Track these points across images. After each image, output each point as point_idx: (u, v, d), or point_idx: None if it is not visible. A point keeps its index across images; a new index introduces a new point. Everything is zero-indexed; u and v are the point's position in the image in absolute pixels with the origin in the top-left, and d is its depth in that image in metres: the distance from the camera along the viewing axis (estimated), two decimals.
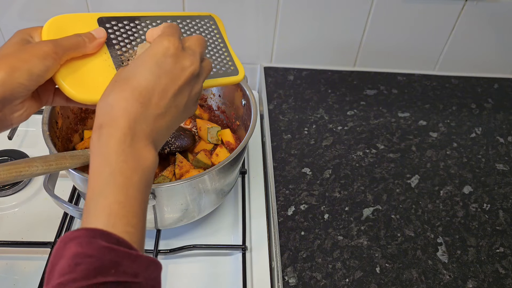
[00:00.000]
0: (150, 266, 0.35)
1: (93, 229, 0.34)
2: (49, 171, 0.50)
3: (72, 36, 0.45)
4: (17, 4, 0.88)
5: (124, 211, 0.35)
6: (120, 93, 0.39)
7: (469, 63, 1.03)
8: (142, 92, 0.39)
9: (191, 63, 0.42)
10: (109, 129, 0.37)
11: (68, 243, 0.33)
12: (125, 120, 0.37)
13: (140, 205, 0.37)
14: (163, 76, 0.40)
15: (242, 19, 0.91)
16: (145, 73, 0.39)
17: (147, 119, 0.39)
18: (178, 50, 0.41)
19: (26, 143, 0.82)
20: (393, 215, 0.73)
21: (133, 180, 0.37)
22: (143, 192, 0.37)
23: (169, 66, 0.40)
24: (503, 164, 0.84)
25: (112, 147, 0.37)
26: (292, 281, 0.63)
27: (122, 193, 0.36)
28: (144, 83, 0.39)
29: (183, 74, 0.41)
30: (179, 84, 0.41)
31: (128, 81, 0.39)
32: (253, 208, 0.76)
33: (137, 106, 0.38)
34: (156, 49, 0.41)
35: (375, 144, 0.85)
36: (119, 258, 0.33)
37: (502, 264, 0.67)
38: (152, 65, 0.40)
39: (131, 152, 0.37)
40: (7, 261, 0.66)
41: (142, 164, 0.38)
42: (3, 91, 0.40)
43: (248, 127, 0.65)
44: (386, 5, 0.91)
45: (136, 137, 0.38)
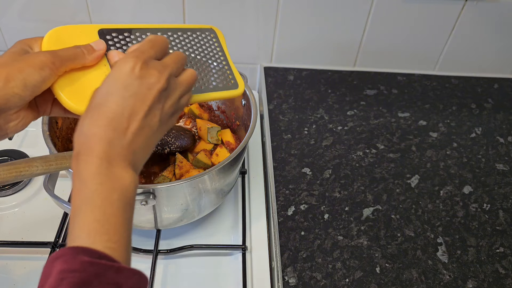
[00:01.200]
0: (133, 277, 0.36)
1: (76, 247, 0.35)
2: (49, 171, 0.50)
3: (70, 48, 0.45)
4: (17, 4, 0.88)
5: (104, 228, 0.37)
6: (93, 121, 0.40)
7: (469, 63, 1.03)
8: (113, 117, 0.40)
9: (157, 80, 0.42)
10: (86, 157, 0.39)
11: (55, 261, 0.35)
12: (100, 147, 0.39)
13: (121, 222, 0.38)
14: (130, 98, 0.41)
15: (242, 19, 0.91)
16: (113, 98, 0.40)
17: (121, 143, 0.40)
18: (143, 69, 0.42)
19: (26, 143, 0.82)
20: (393, 215, 0.73)
21: (111, 200, 0.38)
22: (124, 210, 0.39)
23: (135, 88, 0.41)
24: (503, 164, 0.84)
25: (89, 172, 0.38)
26: (292, 281, 0.63)
27: (100, 212, 0.37)
28: (114, 108, 0.40)
29: (150, 93, 0.42)
30: (147, 104, 0.42)
31: (100, 108, 0.40)
32: (253, 208, 0.76)
33: (110, 132, 0.39)
34: (121, 72, 0.41)
35: (375, 144, 0.85)
36: (101, 270, 0.34)
37: (502, 264, 0.67)
38: (119, 89, 0.41)
39: (108, 175, 0.38)
40: (7, 261, 0.66)
41: (120, 185, 0.39)
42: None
43: (248, 127, 0.65)
44: (386, 5, 0.91)
45: (112, 161, 0.39)
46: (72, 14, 0.89)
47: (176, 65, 0.46)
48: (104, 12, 0.89)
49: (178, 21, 0.91)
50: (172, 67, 0.45)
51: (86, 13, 0.89)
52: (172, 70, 0.45)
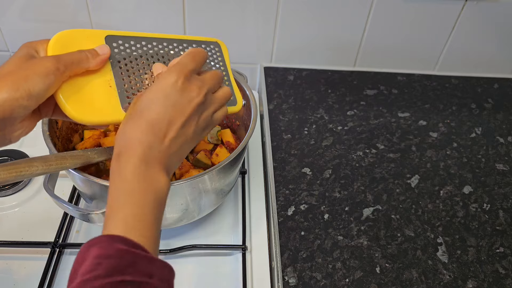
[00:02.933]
0: (164, 269, 0.38)
1: (112, 235, 0.38)
2: (49, 171, 0.50)
3: (75, 52, 0.46)
4: (17, 4, 0.88)
5: (139, 223, 0.39)
6: (136, 125, 0.43)
7: (469, 63, 1.03)
8: (154, 124, 0.43)
9: (196, 94, 0.46)
10: (127, 157, 0.42)
11: (91, 247, 0.37)
12: (140, 149, 0.42)
13: (153, 220, 0.41)
14: (171, 108, 0.44)
15: (242, 19, 0.91)
16: (156, 106, 0.43)
17: (159, 147, 0.43)
18: (185, 83, 0.45)
19: (26, 143, 0.82)
20: (393, 215, 0.73)
21: (146, 199, 0.41)
22: (156, 210, 0.42)
23: (176, 99, 0.44)
24: (503, 164, 0.84)
25: (129, 170, 0.41)
26: (292, 281, 0.63)
27: (137, 208, 0.40)
28: (155, 116, 0.43)
29: (189, 106, 0.45)
30: (186, 115, 0.45)
31: (142, 114, 0.43)
32: (253, 208, 0.76)
33: (150, 136, 0.43)
34: (165, 83, 0.45)
35: (375, 144, 0.85)
36: (136, 259, 0.36)
37: (502, 264, 0.67)
38: (162, 99, 0.44)
39: (145, 176, 0.41)
40: (7, 261, 0.66)
41: (155, 186, 0.42)
42: (2, 112, 0.40)
43: (248, 127, 0.65)
44: (386, 5, 0.91)
45: (149, 163, 0.42)
46: (72, 14, 0.89)
47: (214, 82, 0.49)
48: (104, 12, 0.89)
49: (178, 21, 0.91)
50: (210, 84, 0.48)
51: (86, 13, 0.89)
52: (210, 87, 0.48)
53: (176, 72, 0.45)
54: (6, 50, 0.96)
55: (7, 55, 0.96)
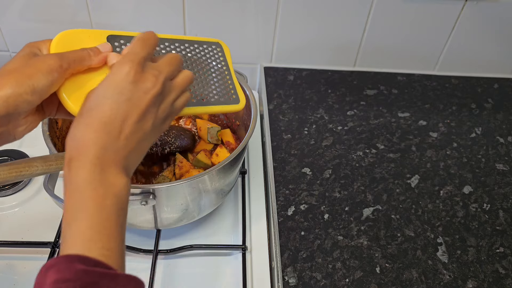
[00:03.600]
0: (130, 283, 0.36)
1: (70, 255, 0.35)
2: (49, 171, 0.50)
3: (77, 50, 0.46)
4: (17, 4, 0.88)
5: (98, 235, 0.36)
6: (86, 125, 0.40)
7: (469, 63, 1.03)
8: (106, 122, 0.40)
9: (153, 84, 0.42)
10: (78, 162, 0.38)
11: (48, 271, 0.34)
12: (92, 152, 0.38)
13: (115, 228, 0.38)
14: (125, 103, 0.41)
15: (242, 19, 0.91)
16: (107, 102, 0.40)
17: (114, 147, 0.40)
18: (138, 73, 0.42)
19: (26, 143, 0.82)
20: (393, 215, 0.73)
21: (104, 205, 0.38)
22: (117, 215, 0.38)
23: (130, 92, 0.41)
24: (503, 164, 0.84)
25: (81, 177, 0.38)
26: (292, 281, 0.63)
27: (94, 218, 0.37)
28: (108, 113, 0.40)
29: (145, 98, 0.42)
30: (142, 108, 0.42)
31: (92, 113, 0.40)
32: (253, 208, 0.76)
33: (103, 136, 0.39)
34: (117, 76, 0.41)
35: (375, 144, 0.85)
36: (96, 279, 0.34)
37: (502, 264, 0.67)
38: (114, 93, 0.41)
39: (101, 180, 0.38)
40: (7, 261, 0.66)
41: (114, 190, 0.39)
42: (7, 107, 0.40)
43: (248, 127, 0.65)
44: (386, 5, 0.91)
45: (104, 166, 0.39)
46: (72, 14, 0.89)
47: (172, 67, 0.46)
48: (104, 12, 0.89)
49: (178, 21, 0.91)
50: (167, 71, 0.45)
51: (86, 13, 0.89)
52: (168, 74, 0.45)
53: (127, 62, 0.42)
54: (6, 50, 0.96)
55: (7, 55, 0.96)
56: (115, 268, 0.36)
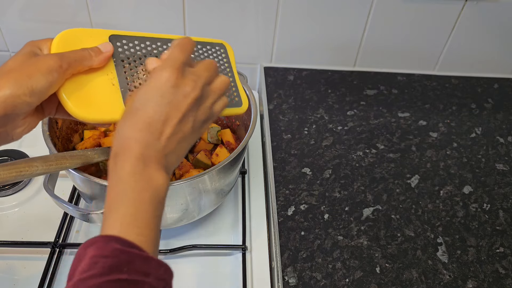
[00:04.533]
0: (160, 268, 0.38)
1: (109, 236, 0.37)
2: (49, 171, 0.50)
3: (78, 50, 0.46)
4: (17, 4, 0.88)
5: (136, 222, 0.39)
6: (131, 125, 0.42)
7: (469, 63, 1.03)
8: (150, 122, 0.42)
9: (192, 89, 0.45)
10: (123, 156, 0.41)
11: (88, 248, 0.37)
12: (137, 149, 0.41)
13: (152, 218, 0.40)
14: (167, 105, 0.43)
15: (242, 19, 0.91)
16: (150, 104, 0.43)
17: (156, 146, 0.42)
18: (179, 79, 0.44)
19: (26, 143, 0.82)
20: (393, 215, 0.73)
21: (144, 197, 0.40)
22: (155, 208, 0.41)
23: (171, 96, 0.43)
24: (503, 164, 0.84)
25: (126, 170, 0.41)
26: (292, 281, 0.63)
27: (133, 207, 0.39)
28: (151, 114, 0.42)
29: (185, 101, 0.44)
30: (182, 111, 0.44)
31: (138, 113, 0.43)
32: (253, 208, 0.76)
33: (147, 135, 0.42)
34: (159, 80, 0.43)
35: (375, 144, 0.85)
36: (131, 258, 0.36)
37: (502, 264, 0.67)
38: (157, 96, 0.43)
39: (142, 175, 0.41)
40: (7, 261, 0.66)
41: (153, 184, 0.41)
42: (5, 108, 0.40)
43: (248, 127, 0.65)
44: (386, 5, 0.91)
45: (147, 162, 0.41)
46: (72, 14, 0.89)
47: (209, 73, 0.48)
48: (104, 12, 0.89)
49: (178, 21, 0.91)
50: (205, 76, 0.47)
51: (86, 13, 0.89)
52: (206, 79, 0.47)
53: (168, 67, 0.44)
54: (6, 50, 0.96)
55: (7, 55, 0.96)
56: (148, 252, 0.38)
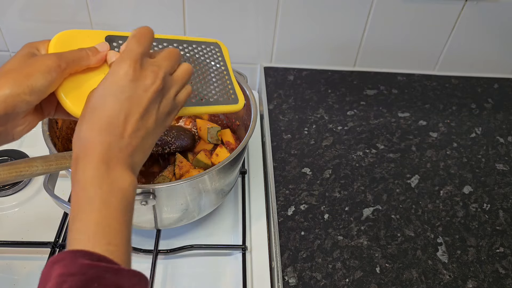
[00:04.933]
0: (133, 278, 0.36)
1: (76, 251, 0.35)
2: (49, 171, 0.50)
3: (76, 50, 0.46)
4: (17, 4, 0.88)
5: (104, 232, 0.37)
6: (90, 125, 0.40)
7: (469, 63, 1.03)
8: (109, 121, 0.40)
9: (152, 81, 0.43)
10: (84, 161, 0.39)
11: (54, 265, 0.35)
12: (98, 151, 0.39)
13: (121, 224, 0.38)
14: (126, 101, 0.41)
15: (242, 19, 0.91)
16: (109, 101, 0.41)
17: (118, 146, 0.40)
18: (137, 71, 0.42)
19: (26, 143, 0.82)
20: (393, 215, 0.73)
21: (110, 203, 0.38)
22: (123, 213, 0.39)
23: (130, 90, 0.41)
24: (503, 164, 0.84)
25: (88, 175, 0.38)
26: (292, 281, 0.63)
27: (100, 215, 0.37)
28: (110, 112, 0.40)
29: (146, 95, 0.42)
30: (143, 106, 0.42)
31: (95, 113, 0.41)
32: (253, 208, 0.76)
33: (107, 135, 0.40)
34: (116, 75, 0.42)
35: (375, 144, 0.85)
36: (100, 273, 0.34)
37: (502, 264, 0.67)
38: (115, 92, 0.41)
39: (107, 178, 0.39)
40: (7, 261, 0.66)
41: (120, 188, 0.39)
42: (5, 107, 0.40)
43: (248, 127, 0.65)
44: (386, 5, 0.90)
45: (110, 164, 0.39)
46: (72, 14, 0.89)
47: (171, 62, 0.46)
48: (104, 12, 0.89)
49: (178, 21, 0.91)
50: (166, 66, 0.45)
51: (86, 13, 0.89)
52: (167, 68, 0.45)
53: (125, 60, 0.42)
54: (6, 50, 0.96)
55: (7, 55, 0.96)
56: (119, 263, 0.36)
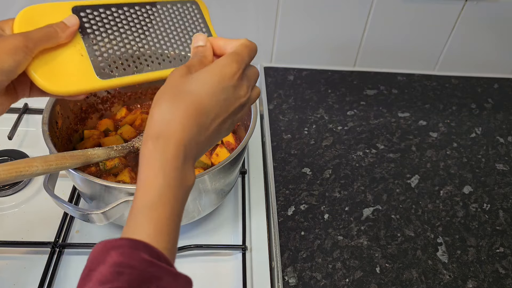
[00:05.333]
0: (187, 285, 0.35)
1: (137, 241, 0.34)
2: (49, 171, 0.50)
3: (43, 28, 0.44)
4: (17, 5, 0.87)
5: (169, 227, 0.36)
6: (182, 108, 0.38)
7: (469, 63, 1.03)
8: (201, 112, 0.39)
9: (245, 93, 0.43)
10: (167, 142, 0.37)
11: (110, 251, 0.32)
12: (182, 137, 0.38)
13: (179, 222, 0.38)
14: (221, 101, 0.41)
15: (242, 19, 0.91)
16: (208, 93, 0.40)
17: (198, 139, 0.39)
18: (240, 80, 0.42)
19: (26, 143, 0.82)
20: (393, 215, 0.73)
21: (178, 197, 0.37)
22: (181, 210, 0.38)
23: (229, 93, 0.41)
24: (503, 164, 0.84)
25: (168, 160, 0.37)
26: (292, 281, 0.63)
27: (170, 208, 0.36)
28: (205, 103, 0.39)
29: (235, 103, 0.42)
30: (229, 112, 0.42)
31: (191, 97, 0.39)
32: (253, 208, 0.76)
33: (194, 126, 0.39)
34: (225, 71, 0.41)
35: (375, 144, 0.85)
36: (160, 273, 0.33)
37: (502, 264, 0.67)
38: (217, 87, 0.40)
39: (181, 170, 0.37)
40: (7, 261, 0.66)
41: (186, 183, 0.38)
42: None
43: (248, 127, 0.65)
44: (386, 5, 0.91)
45: (187, 155, 0.38)
46: None
47: (255, 81, 0.46)
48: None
49: None
50: (253, 84, 0.45)
51: None
52: (252, 87, 0.45)
53: (237, 64, 0.42)
54: None
55: None
56: (172, 264, 0.35)
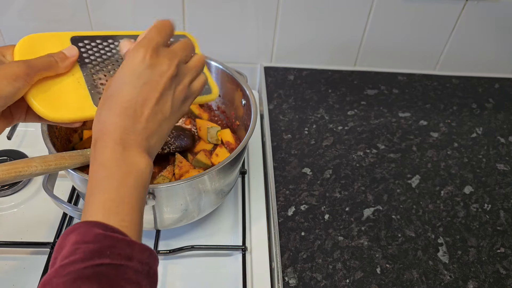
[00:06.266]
0: (144, 252, 0.38)
1: (91, 221, 0.38)
2: (48, 171, 0.50)
3: (44, 57, 0.46)
4: (17, 4, 0.88)
5: (118, 208, 0.39)
6: (108, 110, 0.42)
7: (470, 63, 1.03)
8: (127, 105, 0.42)
9: (168, 67, 0.44)
10: (102, 143, 0.41)
11: (69, 235, 0.37)
12: (116, 133, 0.41)
13: (134, 203, 0.40)
14: (143, 86, 0.43)
15: (242, 19, 0.91)
16: (126, 87, 0.43)
17: (135, 129, 0.42)
18: (153, 58, 0.44)
19: (25, 143, 0.82)
20: (393, 216, 0.73)
21: (126, 182, 0.40)
22: (138, 192, 0.41)
23: (147, 76, 0.43)
24: (504, 164, 0.83)
25: (106, 156, 0.41)
26: (292, 282, 0.62)
27: (115, 193, 0.39)
28: (127, 97, 0.42)
29: (161, 80, 0.44)
30: (159, 90, 0.44)
31: (113, 98, 0.43)
32: (253, 208, 0.75)
33: (125, 119, 0.42)
34: (133, 61, 0.43)
35: (376, 144, 0.85)
36: (113, 243, 0.36)
37: (503, 265, 0.67)
38: (132, 78, 0.43)
39: (123, 159, 0.41)
40: (7, 261, 0.66)
41: (135, 169, 0.41)
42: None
43: (248, 127, 0.65)
44: (387, 5, 0.90)
45: (127, 146, 0.42)
46: (72, 14, 0.89)
47: (185, 52, 0.47)
48: (104, 12, 0.89)
49: (178, 21, 0.91)
50: (181, 54, 0.46)
51: (86, 13, 0.89)
52: (181, 57, 0.46)
53: (143, 47, 0.43)
54: None
55: None
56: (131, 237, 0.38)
